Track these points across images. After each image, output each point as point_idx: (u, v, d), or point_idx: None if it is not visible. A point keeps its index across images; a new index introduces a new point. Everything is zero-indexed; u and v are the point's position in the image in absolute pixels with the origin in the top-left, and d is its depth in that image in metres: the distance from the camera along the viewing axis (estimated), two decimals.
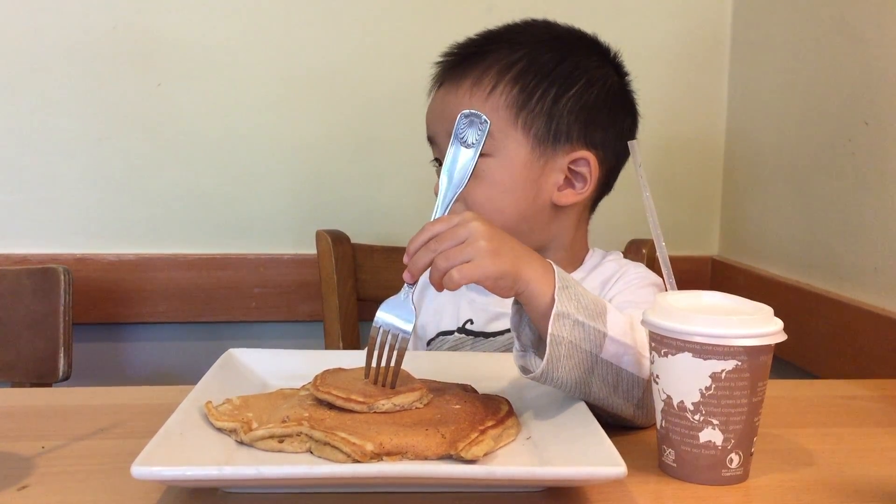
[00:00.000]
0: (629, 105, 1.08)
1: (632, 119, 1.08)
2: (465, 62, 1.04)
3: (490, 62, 1.02)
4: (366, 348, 0.80)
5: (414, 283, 0.80)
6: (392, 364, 0.78)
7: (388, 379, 0.78)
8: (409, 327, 0.80)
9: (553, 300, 0.74)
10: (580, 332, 0.74)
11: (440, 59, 1.08)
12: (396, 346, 0.79)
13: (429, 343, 1.09)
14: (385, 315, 0.81)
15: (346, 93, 1.56)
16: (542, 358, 0.75)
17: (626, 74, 1.09)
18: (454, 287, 0.75)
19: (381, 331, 0.80)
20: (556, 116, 1.00)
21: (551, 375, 0.75)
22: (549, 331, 0.73)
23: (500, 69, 1.02)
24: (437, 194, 0.92)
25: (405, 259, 0.78)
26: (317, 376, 0.79)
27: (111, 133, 1.51)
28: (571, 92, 1.01)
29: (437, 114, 1.05)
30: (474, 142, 0.82)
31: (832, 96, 1.32)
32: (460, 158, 0.82)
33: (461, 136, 0.82)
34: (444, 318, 1.09)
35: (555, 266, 0.77)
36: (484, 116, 0.82)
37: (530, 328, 0.79)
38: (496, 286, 0.75)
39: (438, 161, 1.06)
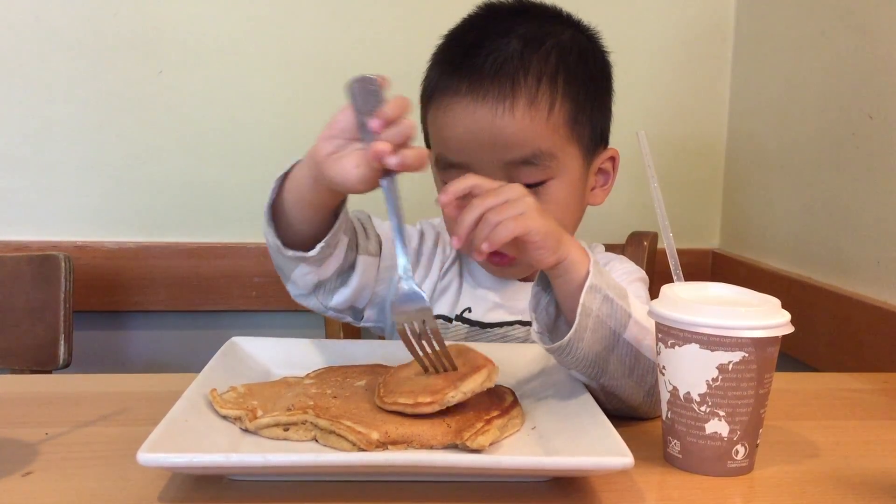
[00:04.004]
0: (611, 78, 1.04)
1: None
2: (503, 74, 0.92)
3: (534, 74, 0.93)
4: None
5: (460, 244, 0.75)
6: (438, 347, 0.76)
7: (446, 363, 0.76)
8: (426, 302, 0.76)
9: (587, 273, 0.75)
10: (608, 308, 0.75)
11: (441, 58, 0.99)
12: (429, 330, 0.76)
13: None
14: (399, 310, 0.76)
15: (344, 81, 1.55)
16: (556, 342, 0.76)
17: (603, 47, 1.03)
18: (507, 238, 0.73)
19: (406, 326, 0.76)
20: (595, 123, 0.99)
21: (574, 346, 0.75)
22: (581, 301, 0.74)
23: (548, 82, 0.94)
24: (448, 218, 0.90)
25: (442, 199, 0.75)
26: (378, 386, 0.75)
27: (112, 121, 1.51)
28: (599, 94, 1.00)
29: (485, 141, 0.92)
30: (371, 108, 0.76)
31: (836, 90, 1.32)
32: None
33: (360, 107, 0.76)
34: (440, 302, 1.05)
35: (584, 244, 0.78)
36: (373, 76, 0.76)
37: (547, 312, 0.79)
38: (544, 243, 0.74)
39: None
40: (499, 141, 0.92)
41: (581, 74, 0.97)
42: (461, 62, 0.95)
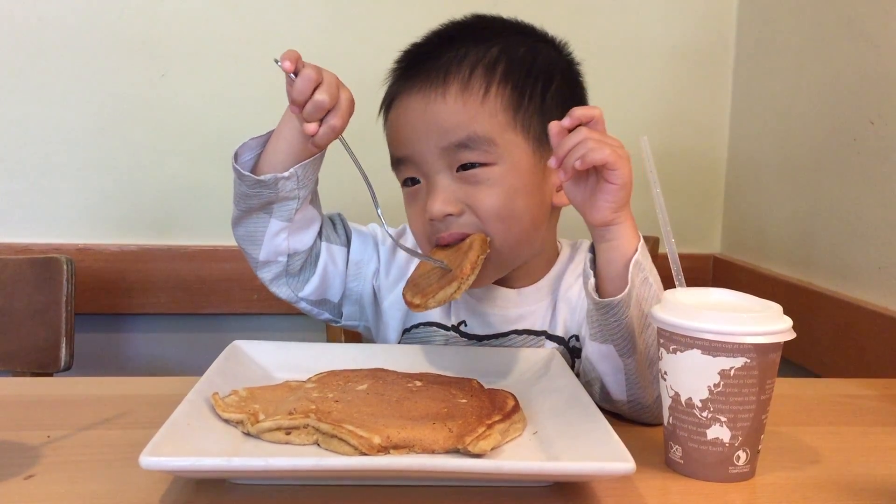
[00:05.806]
0: (583, 86, 1.04)
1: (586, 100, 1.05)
2: (436, 63, 0.94)
3: (470, 61, 0.93)
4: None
5: (558, 164, 0.80)
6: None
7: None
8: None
9: (635, 251, 0.79)
10: (646, 290, 0.79)
11: (395, 67, 1.00)
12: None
13: (417, 326, 1.03)
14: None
15: (347, 84, 1.55)
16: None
17: (570, 54, 1.03)
18: (600, 161, 0.77)
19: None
20: (546, 114, 0.95)
21: (622, 311, 0.78)
22: (630, 269, 0.78)
23: (485, 68, 0.93)
24: (433, 219, 0.93)
25: (552, 128, 0.81)
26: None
27: (114, 123, 1.51)
28: (553, 86, 0.97)
29: (420, 129, 0.93)
30: None
31: (837, 95, 1.32)
32: None
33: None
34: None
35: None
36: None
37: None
38: (618, 192, 0.79)
39: (412, 181, 0.97)
40: (432, 126, 0.92)
41: (528, 65, 0.95)
42: (408, 65, 0.98)
